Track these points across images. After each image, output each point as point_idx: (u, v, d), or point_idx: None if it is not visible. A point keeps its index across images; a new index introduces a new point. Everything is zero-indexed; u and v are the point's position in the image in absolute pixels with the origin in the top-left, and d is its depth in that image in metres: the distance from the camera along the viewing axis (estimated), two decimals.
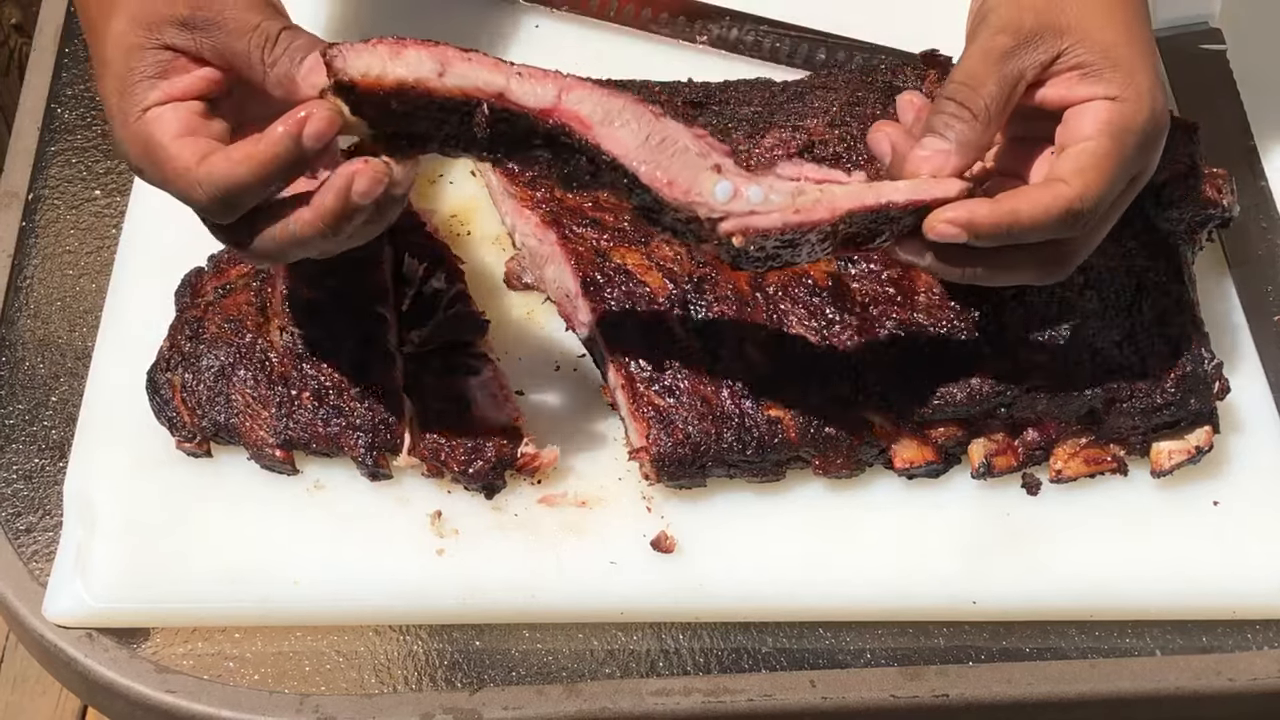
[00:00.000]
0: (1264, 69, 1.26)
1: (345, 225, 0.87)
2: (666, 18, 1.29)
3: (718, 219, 0.88)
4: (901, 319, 1.04)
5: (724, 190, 0.88)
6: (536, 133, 0.88)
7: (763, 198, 0.88)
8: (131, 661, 0.99)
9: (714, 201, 0.88)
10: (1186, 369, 1.02)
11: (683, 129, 0.89)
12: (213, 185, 0.86)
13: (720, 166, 0.88)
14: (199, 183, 0.86)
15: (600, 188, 0.91)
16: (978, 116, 0.89)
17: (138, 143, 0.89)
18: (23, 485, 1.07)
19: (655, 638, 1.01)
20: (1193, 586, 1.02)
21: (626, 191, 0.90)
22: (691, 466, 1.01)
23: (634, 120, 0.88)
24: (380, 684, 0.99)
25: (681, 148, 0.88)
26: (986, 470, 1.04)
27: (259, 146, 0.85)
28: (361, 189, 0.85)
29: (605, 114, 0.88)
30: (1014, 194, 0.88)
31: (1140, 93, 0.89)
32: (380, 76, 0.85)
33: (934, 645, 1.01)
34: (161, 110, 0.89)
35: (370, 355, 1.04)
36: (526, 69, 0.88)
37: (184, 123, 0.89)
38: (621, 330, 1.04)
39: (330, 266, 1.07)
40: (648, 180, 0.88)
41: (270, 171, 0.85)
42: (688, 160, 0.88)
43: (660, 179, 0.88)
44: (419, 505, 1.03)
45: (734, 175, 0.88)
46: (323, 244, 0.88)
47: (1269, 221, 1.17)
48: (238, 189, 0.86)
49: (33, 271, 1.18)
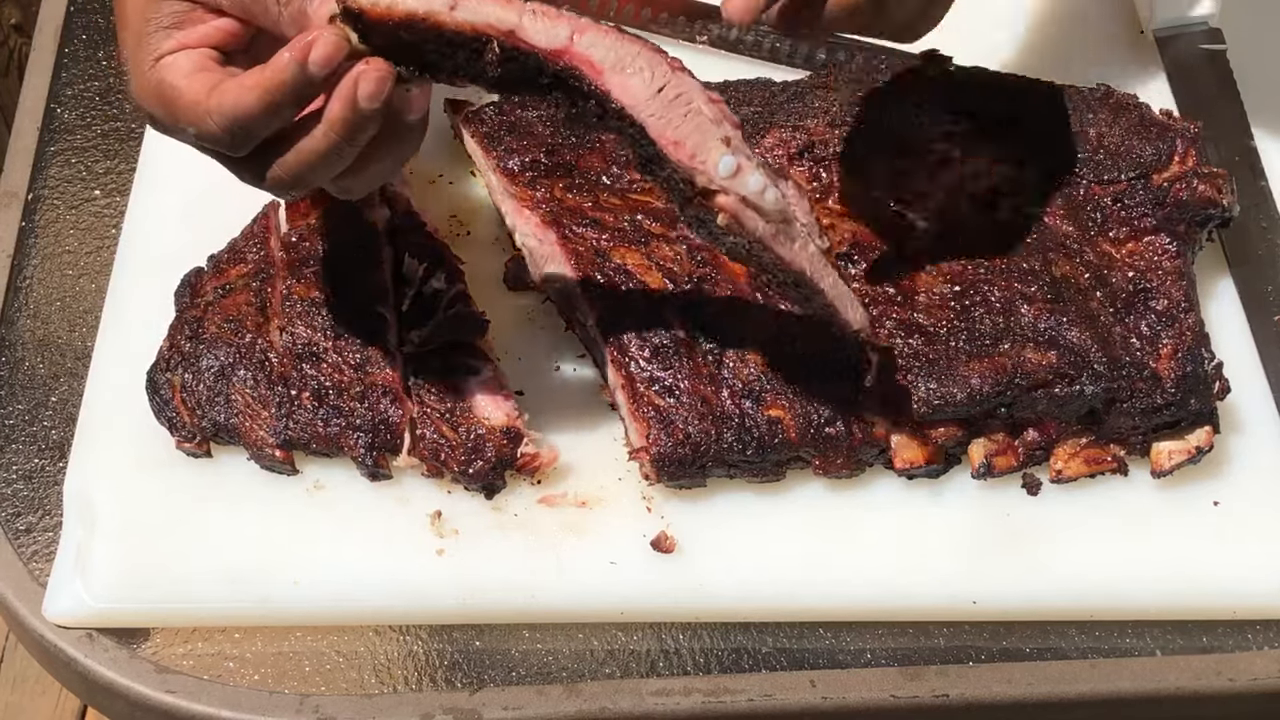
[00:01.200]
0: (1264, 69, 1.26)
1: (358, 135, 0.86)
2: (666, 18, 1.29)
3: (714, 190, 0.87)
4: (901, 319, 1.04)
5: (728, 165, 0.86)
6: (545, 73, 0.87)
7: (760, 187, 0.87)
8: (131, 661, 0.99)
9: (715, 173, 0.86)
10: (1186, 369, 1.02)
11: (699, 88, 0.87)
12: (223, 115, 0.86)
13: (730, 139, 0.87)
14: (210, 113, 0.86)
15: (606, 131, 0.90)
16: None
17: (150, 89, 0.89)
18: (23, 485, 1.07)
19: (655, 638, 1.01)
20: (1193, 586, 1.02)
21: (631, 140, 0.88)
22: (691, 466, 1.01)
23: (648, 69, 0.86)
24: (380, 684, 0.99)
25: (695, 109, 0.87)
26: (986, 470, 1.04)
27: (266, 73, 0.85)
28: (367, 91, 0.85)
29: (618, 60, 0.86)
30: None
31: None
32: (390, 6, 0.84)
33: (934, 645, 1.01)
34: (175, 56, 0.89)
35: (370, 355, 1.04)
36: (540, 7, 0.86)
37: (196, 64, 0.89)
38: (621, 330, 1.04)
39: (330, 266, 1.08)
40: (654, 134, 0.86)
41: (278, 97, 0.85)
42: (699, 123, 0.87)
43: (668, 136, 0.86)
44: (419, 505, 1.03)
45: (740, 153, 0.87)
46: (338, 161, 0.88)
47: (1269, 221, 1.17)
48: (248, 116, 0.86)
49: (33, 271, 1.18)
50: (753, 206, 0.87)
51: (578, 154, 1.14)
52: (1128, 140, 1.10)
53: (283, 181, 0.89)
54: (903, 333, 1.03)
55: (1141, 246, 1.07)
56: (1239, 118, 1.22)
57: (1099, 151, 1.10)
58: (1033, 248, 1.07)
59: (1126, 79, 1.21)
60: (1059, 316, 1.03)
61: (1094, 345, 1.02)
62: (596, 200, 1.11)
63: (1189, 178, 1.08)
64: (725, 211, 0.87)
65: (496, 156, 1.14)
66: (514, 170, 1.13)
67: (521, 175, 1.13)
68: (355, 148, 0.87)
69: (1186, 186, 1.07)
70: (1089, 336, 1.03)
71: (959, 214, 1.08)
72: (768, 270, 0.93)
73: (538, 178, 1.12)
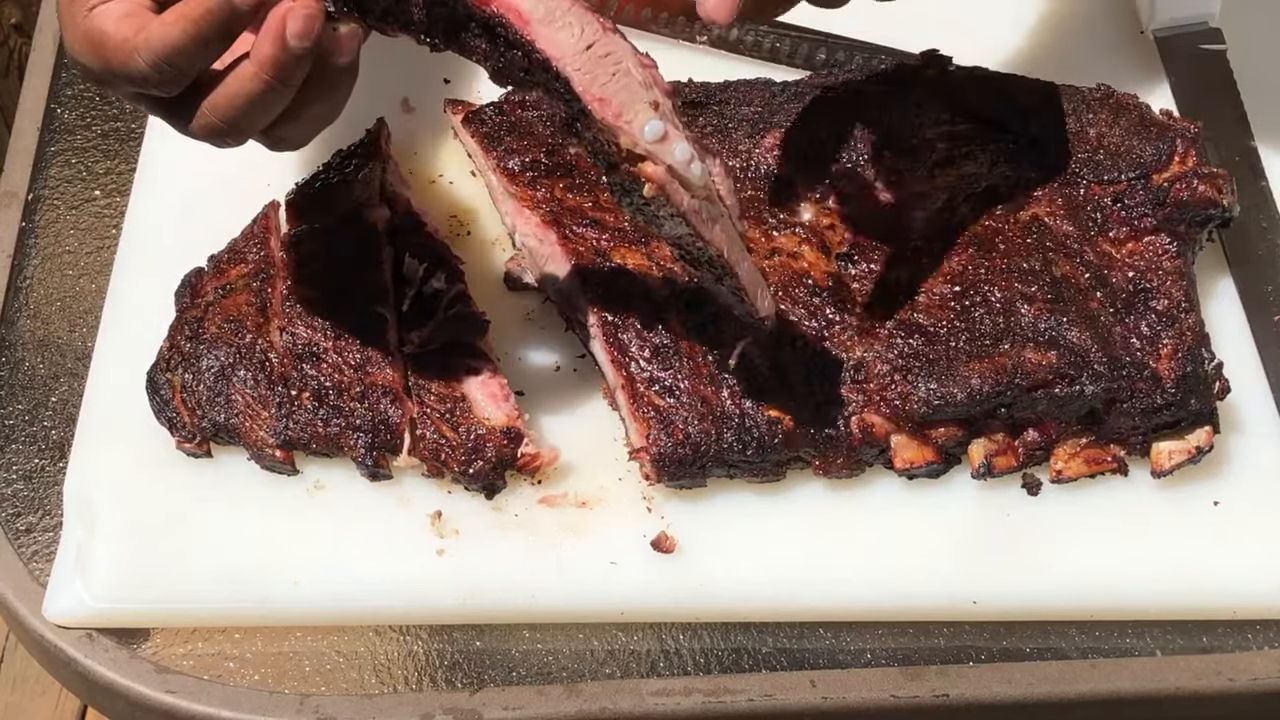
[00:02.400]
0: (1264, 69, 1.26)
1: (289, 76, 0.86)
2: (666, 18, 1.29)
3: (639, 155, 0.85)
4: (901, 319, 1.04)
5: (654, 129, 0.85)
6: (473, 19, 0.86)
7: (687, 158, 0.85)
8: (131, 662, 0.99)
9: (639, 136, 0.85)
10: (1186, 369, 1.02)
11: (630, 51, 0.86)
12: (150, 50, 0.86)
13: (658, 104, 0.85)
14: (137, 49, 0.86)
15: (533, 87, 0.88)
16: None
17: (82, 38, 0.90)
18: (23, 485, 1.07)
19: (655, 638, 1.01)
20: (1193, 586, 1.02)
21: (557, 97, 0.87)
22: (691, 466, 1.01)
23: (577, 24, 0.85)
24: (380, 684, 0.99)
25: (625, 69, 0.85)
26: (986, 470, 1.04)
27: (190, 4, 0.85)
28: (296, 29, 0.85)
29: (547, 11, 0.85)
30: None
31: None
32: None
33: (934, 645, 1.01)
34: (108, 5, 0.89)
35: (370, 355, 1.04)
36: None
37: (126, 9, 0.89)
38: (621, 331, 1.04)
39: (330, 266, 1.08)
40: (579, 89, 0.85)
41: (203, 29, 0.85)
42: (628, 84, 0.85)
43: (593, 92, 0.85)
44: (419, 505, 1.03)
45: (668, 120, 0.85)
46: (270, 104, 0.88)
47: (1269, 221, 1.17)
48: (175, 50, 0.86)
49: (33, 271, 1.18)
50: (679, 178, 0.86)
51: (578, 154, 1.14)
52: (1128, 140, 1.10)
53: (215, 127, 0.89)
54: (903, 333, 1.03)
55: (1141, 246, 1.07)
56: (1239, 118, 1.22)
57: (1099, 151, 1.10)
58: (1033, 248, 1.07)
59: (1126, 79, 1.21)
60: (1059, 316, 1.03)
61: (1094, 345, 1.02)
62: (597, 200, 1.11)
63: (1189, 178, 1.08)
64: (652, 181, 0.85)
65: (496, 156, 1.14)
66: (514, 170, 1.13)
67: (522, 175, 1.13)
68: (287, 90, 0.87)
69: (1186, 186, 1.07)
70: (1089, 336, 1.03)
71: (959, 214, 1.08)
72: (683, 247, 0.91)
73: (538, 178, 1.12)
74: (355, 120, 1.19)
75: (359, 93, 1.25)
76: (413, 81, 1.24)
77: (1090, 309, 1.04)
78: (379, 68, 1.26)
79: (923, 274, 1.06)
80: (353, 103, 1.21)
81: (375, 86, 1.24)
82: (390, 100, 1.24)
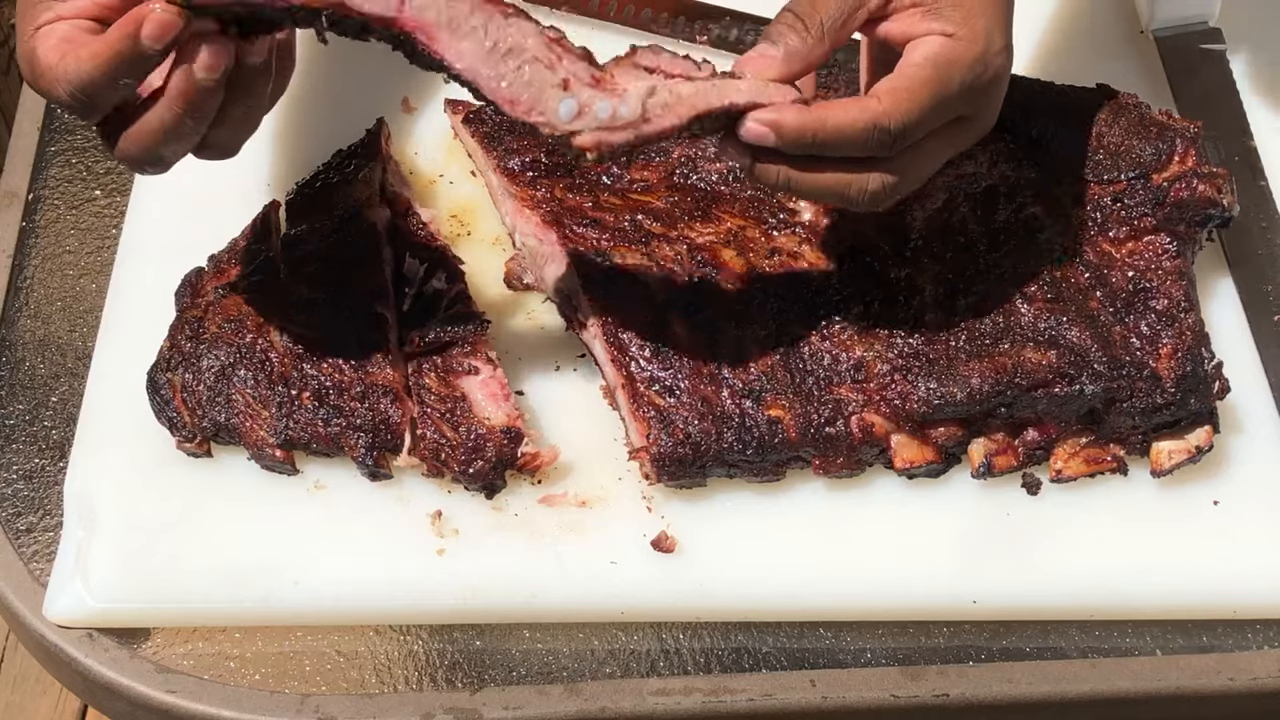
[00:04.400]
0: (1264, 69, 1.26)
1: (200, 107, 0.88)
2: (666, 18, 1.29)
3: (564, 135, 0.87)
4: (901, 318, 1.04)
5: (568, 109, 0.87)
6: (381, 34, 0.87)
7: (610, 112, 0.87)
8: (132, 661, 0.99)
9: (557, 121, 0.87)
10: (1186, 368, 1.02)
11: (534, 31, 0.88)
12: (68, 81, 0.88)
13: (568, 81, 0.87)
14: (58, 79, 0.89)
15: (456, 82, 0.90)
16: (811, 31, 0.91)
17: (24, 58, 0.92)
18: (23, 485, 1.07)
19: (655, 637, 1.01)
20: (1193, 586, 1.02)
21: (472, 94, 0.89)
22: (691, 466, 1.01)
23: (481, 26, 0.86)
24: (381, 684, 0.99)
25: (530, 58, 0.87)
26: (986, 470, 1.04)
27: (101, 44, 0.88)
28: (203, 62, 0.87)
29: (450, 20, 0.86)
30: (826, 104, 0.90)
31: (975, 33, 0.91)
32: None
33: (934, 645, 1.01)
34: (52, 27, 0.91)
35: (370, 355, 1.04)
36: None
37: (64, 35, 0.91)
38: (621, 330, 1.04)
39: (330, 266, 1.08)
40: (489, 95, 0.87)
41: (113, 67, 0.87)
42: (535, 74, 0.87)
43: (503, 95, 0.87)
44: (419, 505, 1.03)
45: (582, 90, 0.87)
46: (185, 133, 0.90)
47: (1269, 221, 1.17)
48: (88, 85, 0.88)
49: (33, 271, 1.18)
50: (611, 128, 0.88)
51: None
52: (1128, 140, 1.10)
53: (133, 156, 0.92)
54: (903, 332, 1.03)
55: (1141, 246, 1.07)
56: (1239, 118, 1.22)
57: (1099, 151, 1.10)
58: (1033, 247, 1.07)
59: (1126, 79, 1.21)
60: (1059, 316, 1.03)
61: (1094, 345, 1.02)
62: (597, 200, 1.11)
63: (1189, 178, 1.07)
64: (585, 148, 0.88)
65: (497, 156, 1.14)
66: (514, 170, 1.13)
67: (522, 175, 1.13)
68: (200, 121, 0.89)
69: (1186, 186, 1.07)
70: (1089, 336, 1.03)
71: (959, 214, 1.08)
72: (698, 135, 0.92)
73: (538, 178, 1.13)
74: (355, 120, 1.19)
75: (359, 93, 1.25)
76: (413, 81, 1.24)
77: (1090, 308, 1.04)
78: (379, 68, 1.26)
79: (922, 274, 1.06)
80: (353, 103, 1.23)
81: (375, 86, 1.25)
82: (390, 100, 1.24)
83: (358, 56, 1.26)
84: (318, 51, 1.27)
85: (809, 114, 0.89)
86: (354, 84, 1.25)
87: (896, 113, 0.89)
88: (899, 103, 0.89)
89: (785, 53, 0.91)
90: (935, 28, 0.91)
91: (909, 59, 0.92)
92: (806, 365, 1.03)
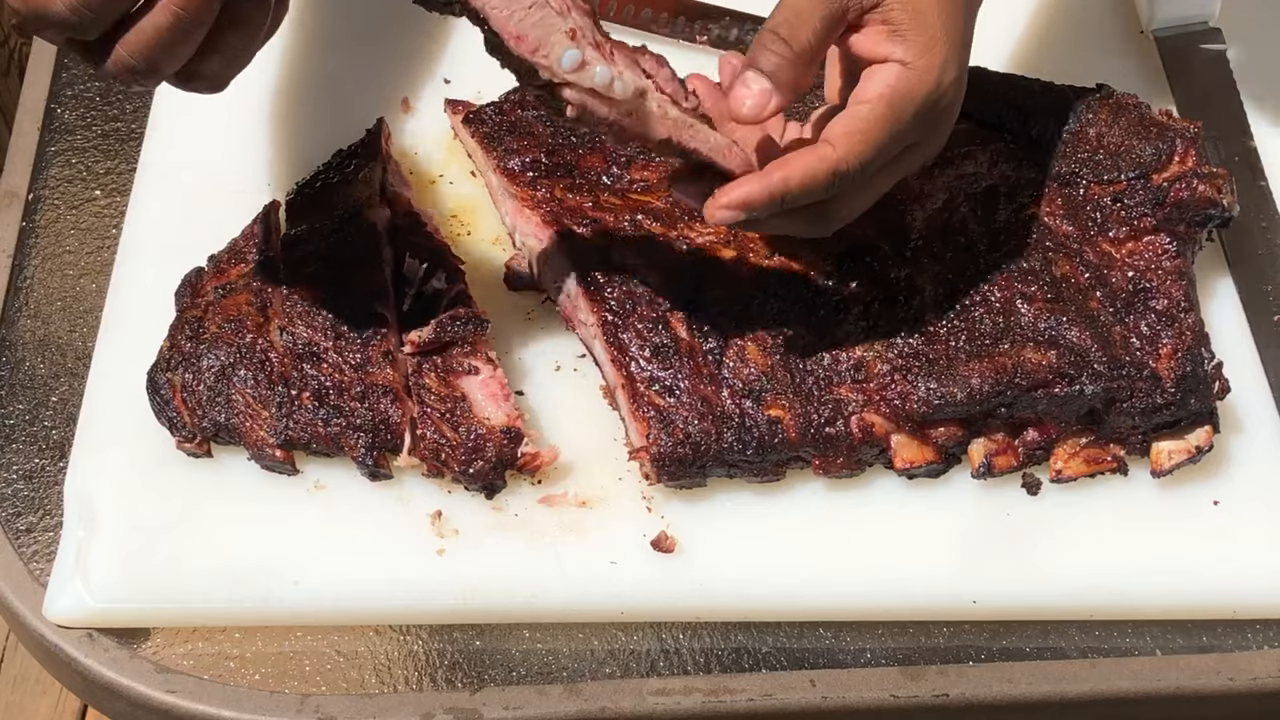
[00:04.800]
0: (1264, 69, 1.26)
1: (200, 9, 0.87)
2: (666, 18, 1.29)
3: (558, 84, 0.88)
4: (901, 318, 1.04)
5: (571, 59, 0.88)
6: None
7: (607, 81, 0.89)
8: (132, 661, 0.99)
9: (557, 68, 0.88)
10: (1186, 369, 1.02)
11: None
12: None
13: (576, 31, 0.88)
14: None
15: (462, 15, 0.90)
16: (798, 54, 0.91)
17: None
18: (23, 485, 1.07)
19: (655, 637, 1.01)
20: (1193, 586, 1.02)
21: (477, 24, 0.89)
22: (691, 466, 1.01)
23: None
24: (381, 684, 0.99)
25: (541, 1, 0.88)
26: (986, 470, 1.04)
27: None
28: None
29: None
30: (782, 163, 0.91)
31: (931, 64, 0.92)
32: None
33: (934, 645, 1.01)
34: None
35: (370, 355, 1.04)
36: None
37: None
38: (621, 330, 1.04)
39: (330, 266, 1.08)
40: (497, 27, 0.87)
41: None
42: (544, 16, 0.88)
43: (510, 30, 0.87)
44: (419, 505, 1.03)
45: (586, 46, 0.88)
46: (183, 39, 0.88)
47: (1269, 221, 1.17)
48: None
49: (33, 271, 1.18)
50: (602, 98, 0.89)
51: (578, 154, 1.14)
52: (1127, 140, 1.10)
53: (128, 64, 0.89)
54: (903, 332, 1.03)
55: (1141, 246, 1.07)
56: (1239, 118, 1.22)
57: (1099, 151, 1.10)
58: (1033, 248, 1.07)
59: (1126, 79, 1.21)
60: (1059, 316, 1.03)
61: (1094, 345, 1.02)
62: (597, 200, 1.11)
63: (1189, 178, 1.07)
64: (571, 104, 0.88)
65: (497, 156, 1.14)
66: (514, 170, 1.13)
67: (522, 175, 1.13)
68: (198, 26, 0.88)
69: (1186, 186, 1.07)
70: (1089, 336, 1.03)
71: (959, 214, 1.08)
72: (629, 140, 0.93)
73: (538, 178, 1.13)
74: (355, 120, 1.19)
75: (359, 93, 1.25)
76: (413, 81, 1.24)
77: (1090, 309, 1.04)
78: (379, 68, 1.26)
79: (922, 273, 1.06)
80: (353, 103, 1.23)
81: (375, 86, 1.25)
82: (390, 100, 1.24)
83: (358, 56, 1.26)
84: (318, 51, 1.27)
85: (773, 180, 0.91)
86: (354, 84, 1.25)
87: (852, 157, 0.91)
88: (853, 146, 0.91)
89: (776, 83, 0.91)
90: (895, 54, 0.93)
91: (864, 91, 0.93)
92: (806, 365, 1.03)
